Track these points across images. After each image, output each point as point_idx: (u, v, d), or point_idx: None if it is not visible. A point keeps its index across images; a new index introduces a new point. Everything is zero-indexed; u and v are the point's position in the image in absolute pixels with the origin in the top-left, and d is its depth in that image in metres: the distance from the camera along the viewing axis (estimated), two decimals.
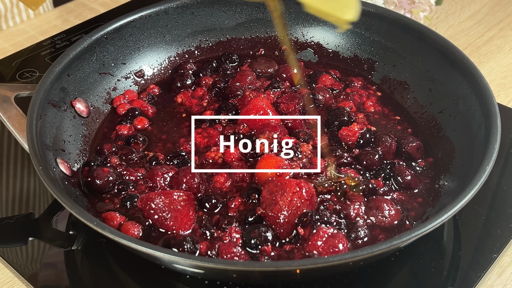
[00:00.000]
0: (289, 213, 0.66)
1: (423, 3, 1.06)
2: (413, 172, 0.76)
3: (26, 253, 0.72)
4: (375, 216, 0.69)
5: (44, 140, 0.72)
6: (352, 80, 0.93)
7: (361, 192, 0.71)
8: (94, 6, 1.29)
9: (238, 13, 1.00)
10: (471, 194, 0.62)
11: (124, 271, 0.70)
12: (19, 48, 1.13)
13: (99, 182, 0.73)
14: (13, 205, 0.79)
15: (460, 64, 0.81)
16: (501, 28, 1.20)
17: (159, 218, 0.68)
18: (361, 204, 0.70)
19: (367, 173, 0.76)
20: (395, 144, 0.79)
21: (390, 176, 0.75)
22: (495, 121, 0.70)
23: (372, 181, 0.74)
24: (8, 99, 0.77)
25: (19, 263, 0.70)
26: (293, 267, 0.56)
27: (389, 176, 0.75)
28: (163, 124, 0.86)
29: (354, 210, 0.69)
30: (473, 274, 0.68)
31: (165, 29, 0.96)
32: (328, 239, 0.64)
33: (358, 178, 0.72)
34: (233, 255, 0.64)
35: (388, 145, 0.78)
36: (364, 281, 0.68)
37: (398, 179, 0.74)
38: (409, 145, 0.78)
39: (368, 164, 0.76)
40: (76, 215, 0.60)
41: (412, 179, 0.74)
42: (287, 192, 0.66)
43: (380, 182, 0.75)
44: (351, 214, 0.69)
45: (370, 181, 0.74)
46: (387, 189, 0.74)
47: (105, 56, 0.89)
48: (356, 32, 0.96)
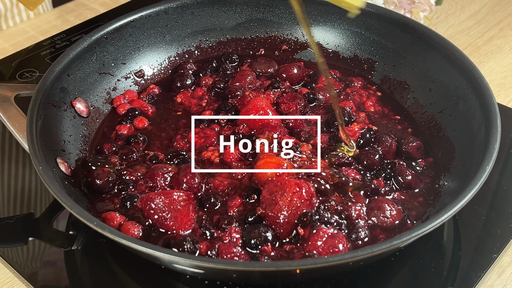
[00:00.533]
0: (289, 213, 0.66)
1: (423, 3, 1.06)
2: (413, 172, 0.76)
3: (26, 253, 0.72)
4: (377, 217, 0.69)
5: (44, 140, 0.72)
6: (352, 80, 0.93)
7: (361, 191, 0.72)
8: (94, 6, 1.29)
9: (238, 13, 1.00)
10: (471, 194, 0.62)
11: (124, 271, 0.70)
12: (19, 48, 1.13)
13: (99, 182, 0.73)
14: (13, 205, 0.79)
15: (460, 64, 0.81)
16: (501, 28, 1.20)
17: (159, 218, 0.68)
18: (362, 205, 0.70)
19: (368, 173, 0.76)
20: (395, 144, 0.79)
21: (390, 176, 0.75)
22: (495, 121, 0.70)
23: (374, 181, 0.74)
24: (8, 99, 0.77)
25: (19, 263, 0.70)
26: (293, 267, 0.56)
27: (390, 176, 0.75)
28: (162, 124, 0.86)
29: (355, 211, 0.69)
30: (473, 274, 0.68)
31: (165, 29, 0.96)
32: (328, 239, 0.64)
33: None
34: (233, 255, 0.64)
35: (389, 145, 0.78)
36: (364, 281, 0.68)
37: (399, 179, 0.74)
38: (409, 144, 0.78)
39: (368, 164, 0.76)
40: (76, 215, 0.60)
41: (412, 179, 0.74)
42: (287, 192, 0.66)
43: (381, 182, 0.75)
44: (352, 215, 0.69)
45: (372, 182, 0.74)
46: (388, 189, 0.74)
47: (105, 56, 0.89)
48: (356, 32, 0.96)
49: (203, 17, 0.98)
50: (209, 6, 0.98)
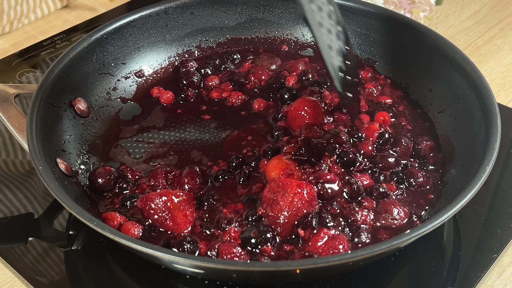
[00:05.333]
0: (289, 214, 0.66)
1: (423, 3, 1.06)
2: (424, 173, 0.75)
3: (26, 253, 0.72)
4: (386, 220, 0.69)
5: (44, 140, 0.72)
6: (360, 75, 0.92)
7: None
8: (94, 6, 1.29)
9: (238, 13, 1.00)
10: (471, 194, 0.62)
11: (124, 271, 0.70)
12: (19, 48, 1.13)
13: (101, 181, 0.73)
14: (13, 205, 0.79)
15: (460, 64, 0.81)
16: (501, 28, 1.20)
17: (159, 218, 0.68)
18: (369, 210, 0.70)
19: (381, 177, 0.75)
20: (412, 145, 0.78)
21: (403, 179, 0.74)
22: (495, 121, 0.70)
23: (383, 185, 0.73)
24: (8, 99, 0.77)
25: (19, 263, 0.70)
26: (293, 267, 0.56)
27: (402, 179, 0.74)
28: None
29: (361, 217, 0.69)
30: (473, 274, 0.68)
31: (165, 29, 0.96)
32: (329, 241, 0.64)
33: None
34: (233, 255, 0.64)
35: (406, 146, 0.77)
36: (364, 281, 0.68)
37: (411, 182, 0.74)
38: (423, 143, 0.78)
39: (384, 167, 0.75)
40: (76, 215, 0.60)
41: (424, 180, 0.74)
42: (288, 193, 0.66)
43: (393, 186, 0.74)
44: (358, 219, 0.68)
45: (382, 185, 0.73)
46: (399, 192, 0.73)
47: (105, 56, 0.89)
48: (356, 32, 0.96)
49: (203, 17, 0.98)
50: (209, 6, 0.98)
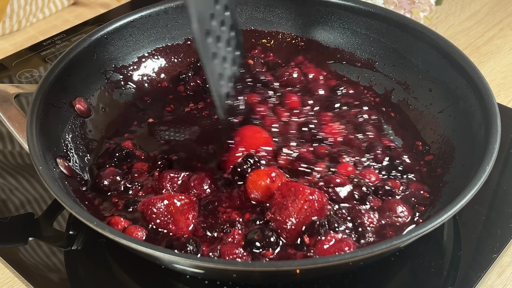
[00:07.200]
0: (297, 221, 0.65)
1: (423, 3, 1.06)
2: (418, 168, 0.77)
3: (26, 253, 0.72)
4: (390, 218, 0.69)
5: (44, 140, 0.72)
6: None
7: None
8: (94, 6, 1.29)
9: (238, 13, 0.99)
10: (471, 194, 0.61)
11: (124, 271, 0.70)
12: (19, 48, 1.13)
13: (105, 182, 0.73)
14: (13, 205, 0.79)
15: (460, 64, 0.81)
16: (501, 28, 1.20)
17: (161, 222, 0.68)
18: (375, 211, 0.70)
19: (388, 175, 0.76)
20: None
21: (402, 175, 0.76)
22: (495, 121, 0.70)
23: (388, 182, 0.74)
24: (8, 99, 0.77)
25: (19, 263, 0.70)
26: (293, 267, 0.56)
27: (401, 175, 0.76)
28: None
29: (368, 219, 0.69)
30: (473, 274, 0.69)
31: (165, 29, 0.96)
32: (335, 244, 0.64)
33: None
34: (235, 256, 0.63)
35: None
36: (364, 281, 0.68)
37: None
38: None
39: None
40: (76, 215, 0.60)
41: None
42: (299, 199, 0.66)
43: (397, 183, 0.74)
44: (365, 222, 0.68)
45: (387, 183, 0.73)
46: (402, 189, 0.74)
47: (105, 56, 0.89)
48: (356, 32, 0.96)
49: None
50: None
